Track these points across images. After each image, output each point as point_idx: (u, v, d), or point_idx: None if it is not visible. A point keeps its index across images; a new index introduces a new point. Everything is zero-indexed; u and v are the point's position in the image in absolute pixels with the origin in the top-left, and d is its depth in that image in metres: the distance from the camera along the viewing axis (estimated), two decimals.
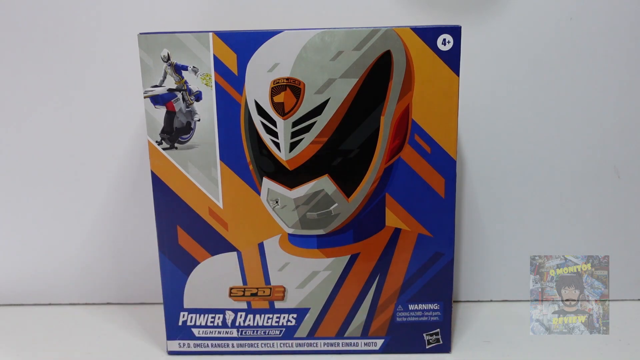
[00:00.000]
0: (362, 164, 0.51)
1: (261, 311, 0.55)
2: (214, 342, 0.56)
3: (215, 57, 0.50)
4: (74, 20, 0.61)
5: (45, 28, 0.61)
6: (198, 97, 0.51)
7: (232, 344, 0.56)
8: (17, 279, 0.68)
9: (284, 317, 0.55)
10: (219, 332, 0.56)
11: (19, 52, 0.62)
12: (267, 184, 0.52)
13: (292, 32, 0.49)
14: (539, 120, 0.63)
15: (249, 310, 0.55)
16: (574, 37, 0.61)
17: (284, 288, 0.55)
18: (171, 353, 0.57)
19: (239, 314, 0.56)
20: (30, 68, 0.62)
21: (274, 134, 0.50)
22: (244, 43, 0.49)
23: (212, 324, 0.56)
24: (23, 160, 0.65)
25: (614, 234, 0.66)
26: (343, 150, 0.51)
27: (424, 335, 0.56)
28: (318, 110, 0.50)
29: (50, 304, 0.69)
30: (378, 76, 0.49)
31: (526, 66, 0.61)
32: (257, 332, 0.56)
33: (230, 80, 0.50)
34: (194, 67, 0.50)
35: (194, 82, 0.51)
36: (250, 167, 0.52)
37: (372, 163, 0.51)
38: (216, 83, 0.50)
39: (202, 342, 0.56)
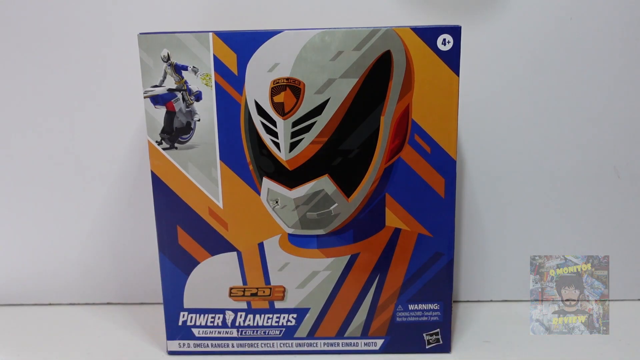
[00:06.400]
0: (362, 164, 0.51)
1: (261, 311, 0.55)
2: (214, 342, 0.56)
3: (215, 57, 0.50)
4: (74, 21, 0.61)
5: (45, 28, 0.61)
6: (198, 97, 0.51)
7: (232, 344, 0.56)
8: (17, 279, 0.68)
9: (284, 317, 0.55)
10: (219, 332, 0.56)
11: (19, 52, 0.62)
12: (267, 184, 0.52)
13: (292, 32, 0.49)
14: (539, 120, 0.63)
15: (249, 310, 0.55)
16: (574, 37, 0.61)
17: (284, 288, 0.55)
18: (171, 353, 0.57)
19: (239, 314, 0.56)
20: (30, 68, 0.62)
21: (274, 134, 0.50)
22: (244, 43, 0.49)
23: (212, 324, 0.56)
24: (23, 160, 0.65)
25: (614, 234, 0.66)
26: (343, 150, 0.51)
27: (424, 335, 0.56)
28: (318, 110, 0.50)
29: (50, 304, 0.69)
30: (378, 76, 0.49)
31: (526, 66, 0.61)
32: (257, 332, 0.56)
33: (230, 80, 0.50)
34: (194, 67, 0.50)
35: (194, 82, 0.51)
36: (250, 167, 0.52)
37: (372, 163, 0.51)
38: (216, 83, 0.50)
39: (202, 342, 0.56)
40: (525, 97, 0.62)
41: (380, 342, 0.56)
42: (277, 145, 0.51)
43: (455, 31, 0.49)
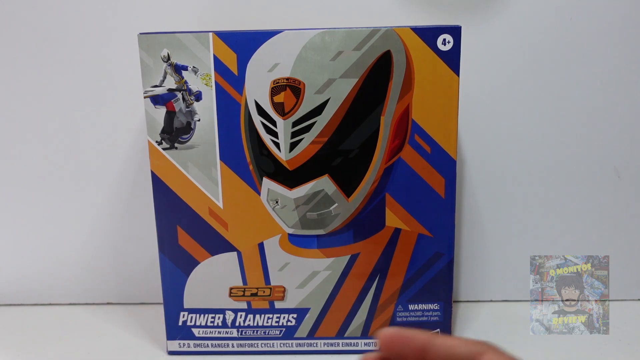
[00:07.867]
0: (362, 164, 0.51)
1: (261, 311, 0.55)
2: (214, 342, 0.56)
3: (215, 57, 0.50)
4: (75, 20, 0.61)
5: (45, 28, 0.61)
6: (198, 97, 0.51)
7: (232, 344, 0.56)
8: (17, 279, 0.68)
9: (284, 317, 0.55)
10: (219, 332, 0.56)
11: (19, 52, 0.62)
12: (267, 184, 0.52)
13: (292, 32, 0.49)
14: (539, 120, 0.63)
15: (249, 310, 0.55)
16: (574, 37, 0.61)
17: (284, 288, 0.55)
18: (171, 353, 0.57)
19: (239, 314, 0.56)
20: (29, 68, 0.62)
21: (274, 134, 0.50)
22: (244, 43, 0.49)
23: (212, 324, 0.56)
24: (23, 160, 0.65)
25: (614, 234, 0.66)
26: (343, 150, 0.51)
27: None
28: (318, 110, 0.50)
29: (50, 304, 0.69)
30: (378, 76, 0.49)
31: (526, 66, 0.61)
32: (257, 332, 0.56)
33: (230, 80, 0.50)
34: (194, 67, 0.50)
35: (194, 82, 0.51)
36: (250, 167, 0.52)
37: (372, 163, 0.51)
38: (216, 83, 0.50)
39: (202, 342, 0.56)
40: (525, 97, 0.62)
41: None
42: (277, 145, 0.51)
43: (455, 31, 0.49)
